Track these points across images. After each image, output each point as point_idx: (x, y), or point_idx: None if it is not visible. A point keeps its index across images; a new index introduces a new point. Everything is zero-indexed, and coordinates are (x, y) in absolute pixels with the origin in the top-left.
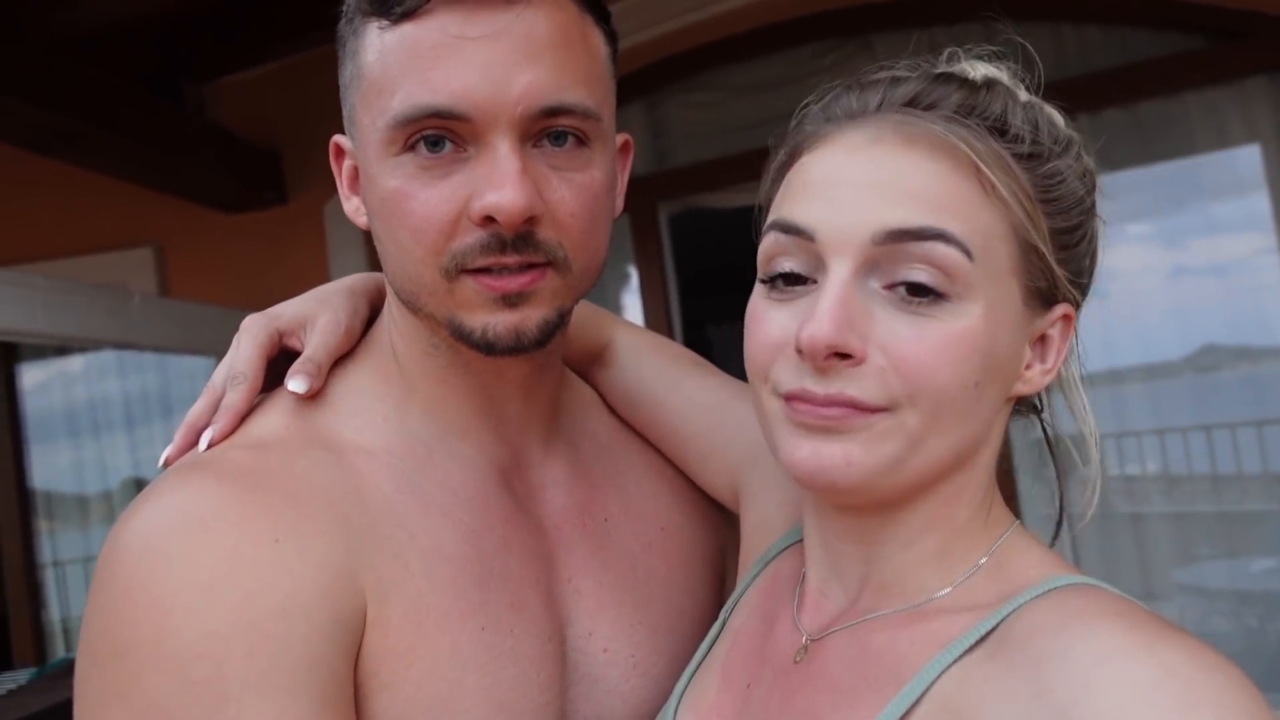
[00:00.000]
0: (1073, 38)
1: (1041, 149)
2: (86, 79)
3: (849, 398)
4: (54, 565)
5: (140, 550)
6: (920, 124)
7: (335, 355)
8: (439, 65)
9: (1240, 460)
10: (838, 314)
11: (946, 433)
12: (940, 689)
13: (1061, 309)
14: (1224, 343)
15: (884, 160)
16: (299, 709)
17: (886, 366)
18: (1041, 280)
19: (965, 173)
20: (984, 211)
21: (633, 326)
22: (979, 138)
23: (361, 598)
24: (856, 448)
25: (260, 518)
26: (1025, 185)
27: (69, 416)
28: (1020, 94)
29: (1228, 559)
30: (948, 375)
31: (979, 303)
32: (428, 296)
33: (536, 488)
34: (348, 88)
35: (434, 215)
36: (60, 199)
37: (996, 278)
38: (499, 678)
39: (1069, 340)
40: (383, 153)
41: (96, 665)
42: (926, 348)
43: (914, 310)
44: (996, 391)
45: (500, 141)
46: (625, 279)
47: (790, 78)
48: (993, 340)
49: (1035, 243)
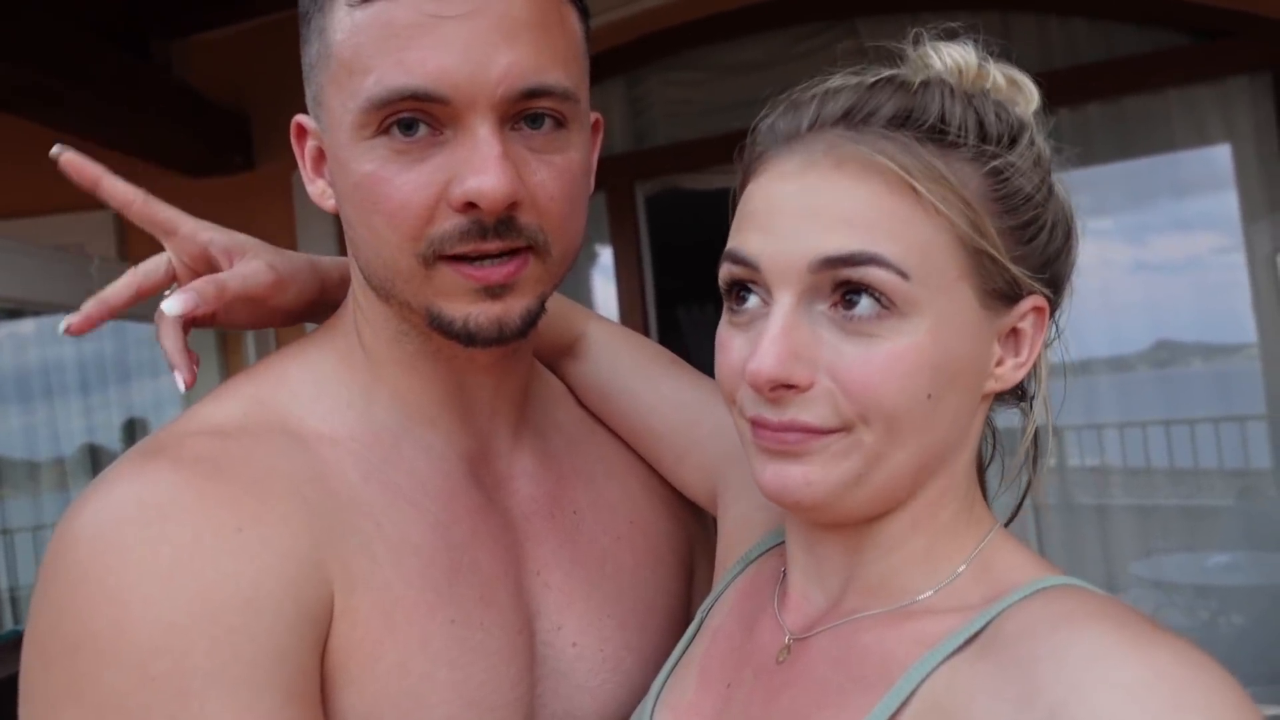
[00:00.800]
0: (1058, 30)
1: (986, 146)
2: (51, 32)
3: (802, 423)
4: (2, 533)
5: (93, 541)
6: (848, 146)
7: (248, 294)
8: (415, 45)
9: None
10: (780, 347)
11: (905, 446)
12: (929, 689)
13: (1030, 302)
14: (1183, 339)
15: (816, 186)
16: (264, 704)
17: (835, 389)
18: (998, 281)
19: (898, 190)
20: (921, 226)
21: (606, 321)
22: (909, 151)
23: (328, 588)
24: (815, 469)
25: (221, 506)
26: (962, 192)
27: (21, 380)
28: (961, 87)
29: (1185, 553)
30: (895, 393)
31: (925, 317)
32: (403, 284)
33: (505, 478)
34: (314, 67)
35: (411, 200)
36: (19, 157)
37: (942, 288)
38: (469, 672)
39: (1044, 332)
40: (354, 136)
41: (45, 663)
42: (873, 369)
43: (858, 330)
44: (958, 398)
45: (479, 124)
46: (598, 257)
47: (774, 60)
48: (944, 351)
49: (984, 247)
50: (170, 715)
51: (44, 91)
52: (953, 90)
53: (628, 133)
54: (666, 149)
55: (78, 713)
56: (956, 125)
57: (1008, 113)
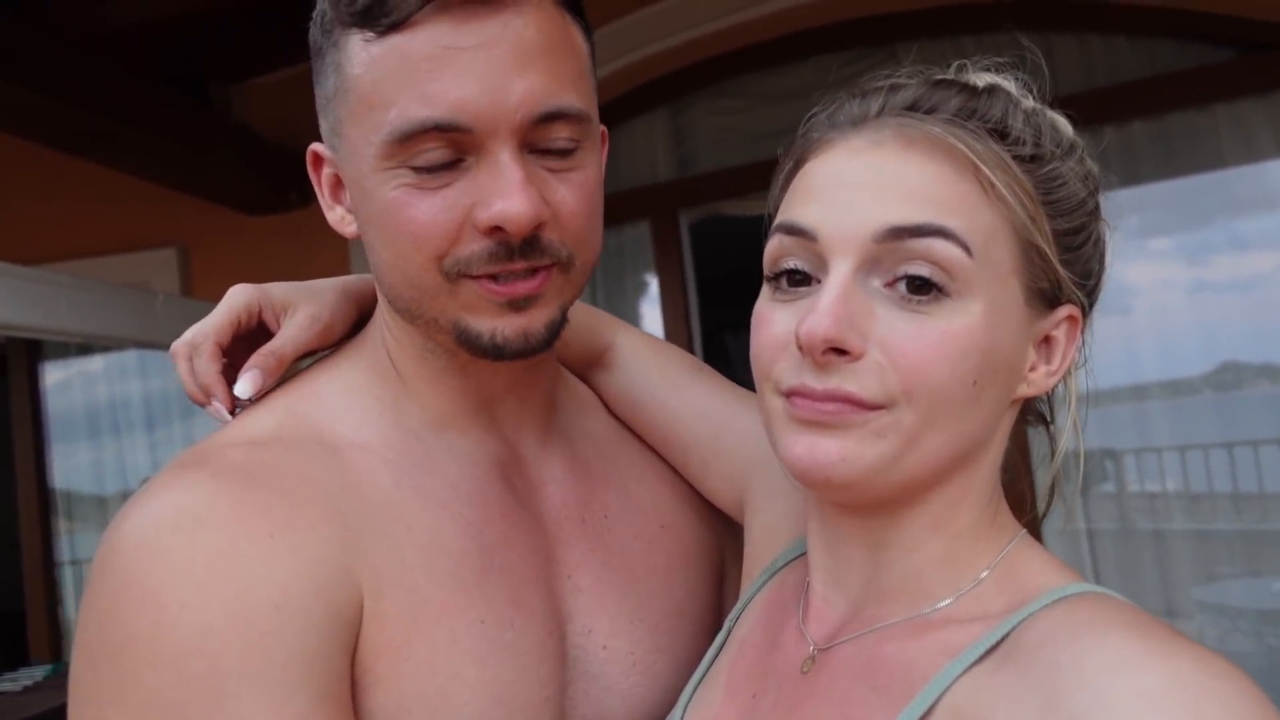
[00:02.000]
0: (1100, 49)
1: (1043, 151)
2: (115, 78)
3: (846, 393)
4: (71, 564)
5: (135, 548)
6: (920, 126)
7: (302, 351)
8: (434, 77)
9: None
10: (837, 309)
11: (943, 431)
12: (951, 699)
13: (1066, 310)
14: (1247, 360)
15: (884, 162)
16: (295, 704)
17: (885, 363)
18: (1044, 281)
19: (964, 173)
20: (984, 211)
21: (634, 330)
22: (978, 139)
23: (358, 592)
24: (852, 444)
25: (255, 514)
26: (1026, 186)
27: (90, 416)
28: (1024, 101)
29: (1249, 578)
30: (945, 372)
31: (979, 301)
32: (429, 301)
33: (536, 484)
34: (330, 100)
35: (436, 223)
36: (86, 199)
37: (997, 277)
38: (498, 671)
39: (1075, 343)
40: (377, 165)
41: (91, 664)
42: (925, 344)
43: (913, 308)
44: (997, 392)
45: (501, 150)
46: (644, 287)
47: (816, 86)
48: (993, 339)
49: (1038, 242)
50: (205, 715)
51: (110, 136)
52: (1015, 99)
53: (671, 161)
54: (710, 176)
55: (121, 712)
56: (1017, 129)
57: (1059, 131)
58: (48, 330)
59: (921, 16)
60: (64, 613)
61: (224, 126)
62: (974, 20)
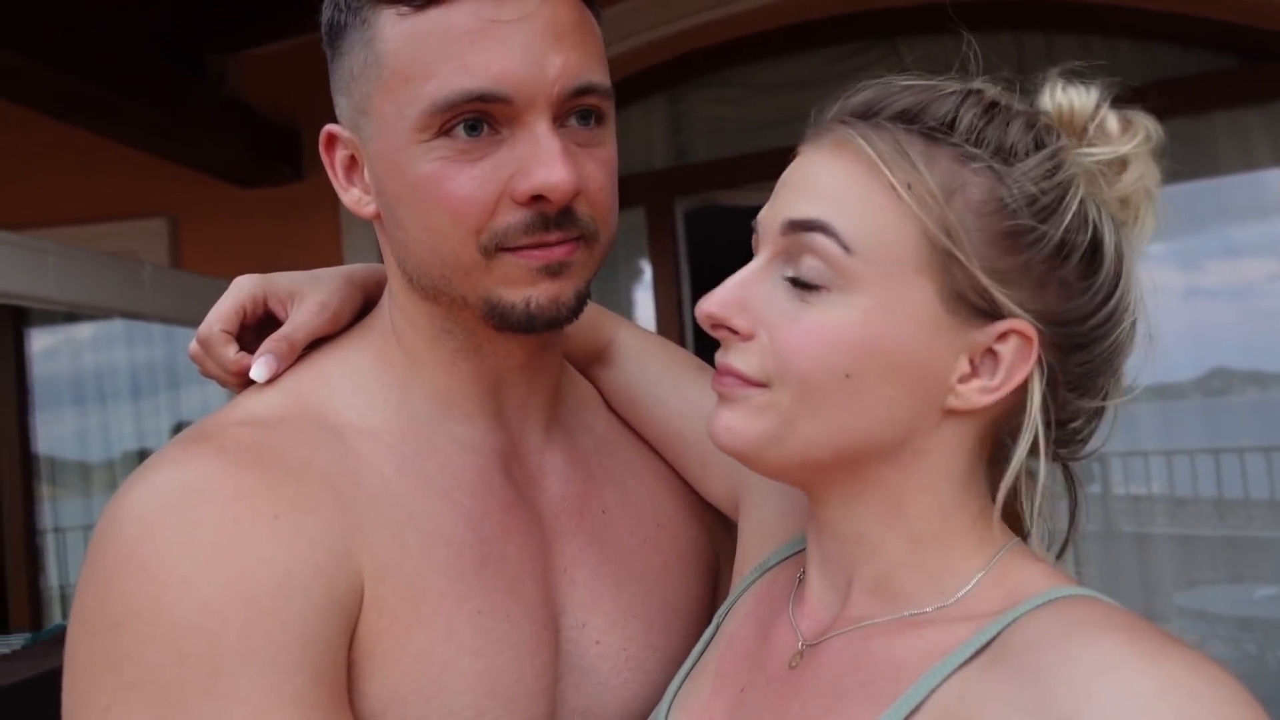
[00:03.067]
0: (1102, 51)
1: (978, 150)
2: (109, 47)
3: (732, 368)
4: (54, 531)
5: (138, 522)
6: (844, 131)
7: (313, 336)
8: (476, 49)
9: (1247, 485)
10: (731, 294)
11: (823, 419)
12: (939, 698)
13: (1005, 324)
14: (1236, 367)
15: (811, 165)
16: (292, 685)
17: (768, 344)
18: (965, 288)
19: (871, 174)
20: (884, 211)
21: (636, 327)
22: (891, 141)
23: (358, 577)
24: (738, 417)
25: (259, 493)
26: (932, 187)
27: (75, 383)
28: (984, 96)
29: (1230, 584)
30: (809, 360)
31: (864, 297)
32: (463, 277)
33: (536, 475)
34: (357, 77)
35: (475, 196)
36: (76, 166)
37: (894, 275)
38: (493, 662)
39: (1027, 364)
40: (413, 139)
41: (89, 635)
42: (797, 333)
43: (799, 298)
44: (897, 392)
45: (538, 122)
46: (638, 273)
47: (814, 78)
48: (875, 336)
49: (948, 247)
50: (202, 692)
51: (101, 104)
52: (978, 99)
53: (668, 149)
54: (706, 165)
55: (116, 685)
56: (964, 129)
57: (1037, 132)
58: (33, 298)
59: (922, 12)
60: (45, 581)
61: (217, 98)
62: (975, 17)
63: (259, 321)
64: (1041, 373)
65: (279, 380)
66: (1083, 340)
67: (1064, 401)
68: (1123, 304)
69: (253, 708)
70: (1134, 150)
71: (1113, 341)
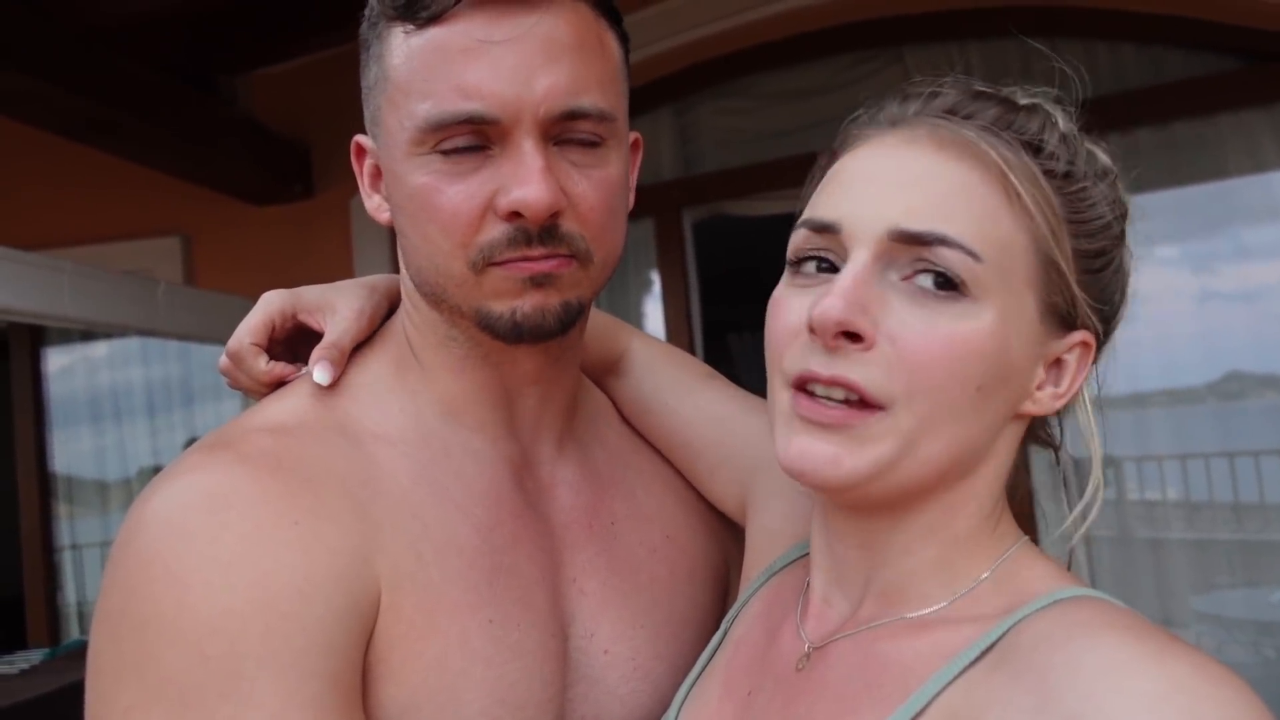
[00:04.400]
0: (1106, 56)
1: (1074, 170)
2: (122, 68)
3: (851, 381)
4: (71, 548)
5: (162, 526)
6: (955, 129)
7: (357, 341)
8: (468, 70)
9: (1263, 489)
10: (851, 293)
11: (941, 436)
12: (946, 700)
13: (1080, 335)
14: (1251, 370)
15: (913, 160)
16: (309, 689)
17: (892, 355)
18: (1060, 298)
19: (991, 180)
20: (1005, 219)
21: (648, 337)
22: (1010, 149)
23: (376, 584)
24: (846, 449)
25: (280, 499)
26: (1052, 201)
27: (91, 402)
28: (1061, 122)
29: (1247, 588)
30: (949, 372)
31: (992, 307)
32: (455, 288)
33: (546, 486)
34: (372, 90)
35: (461, 210)
36: (90, 186)
37: (1012, 287)
38: (504, 671)
39: (1086, 370)
40: (410, 151)
41: (114, 638)
42: (933, 340)
43: (927, 304)
44: (1001, 403)
45: (524, 140)
46: (647, 284)
47: (821, 88)
48: (1002, 347)
49: (1056, 259)
50: (222, 694)
51: (114, 125)
52: (1053, 118)
53: (676, 159)
54: (714, 175)
55: (139, 687)
56: (1051, 145)
57: (1095, 156)
58: (49, 316)
59: (928, 20)
60: (62, 598)
61: (230, 117)
62: (980, 25)
63: (288, 335)
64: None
65: (298, 386)
66: (1113, 330)
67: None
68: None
69: (269, 710)
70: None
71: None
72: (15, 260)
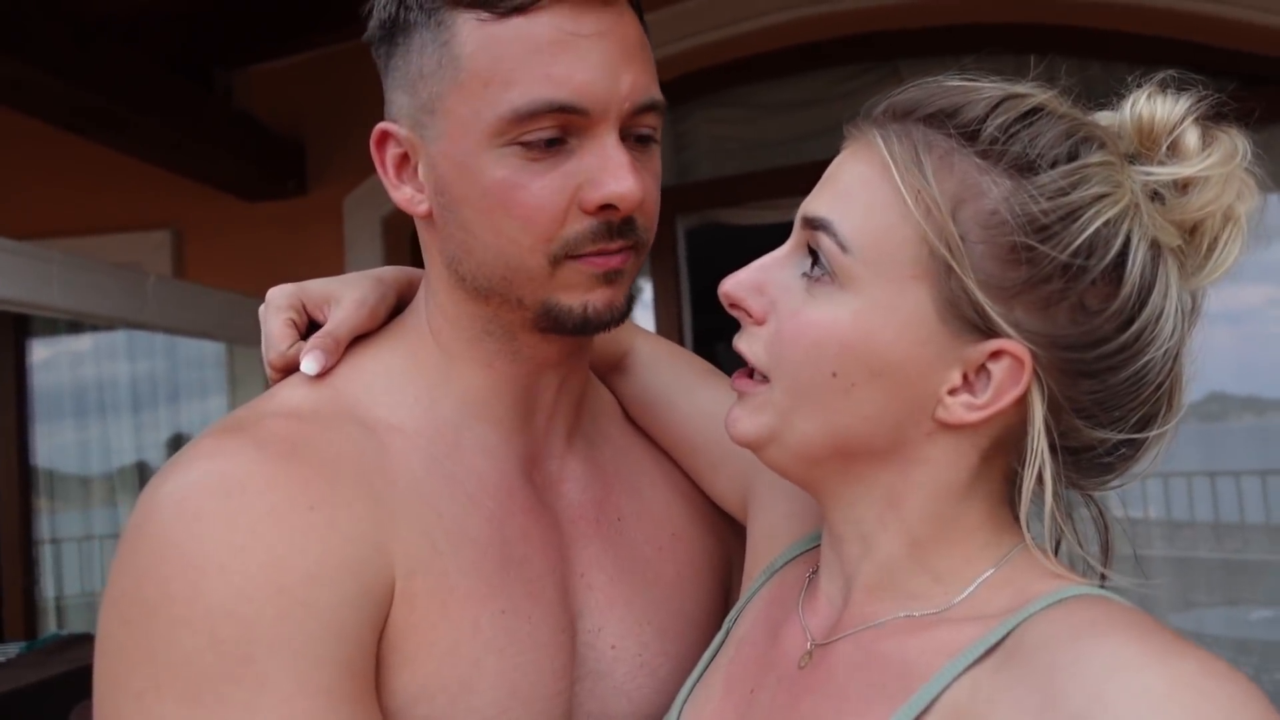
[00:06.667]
0: (1100, 76)
1: (998, 164)
2: (118, 60)
3: (740, 350)
4: (50, 543)
5: (175, 510)
6: (870, 130)
7: (356, 333)
8: (558, 61)
9: (1244, 509)
10: (751, 276)
11: (812, 417)
12: (951, 698)
13: (998, 344)
14: (1233, 392)
15: (841, 161)
16: (321, 675)
17: (772, 332)
18: (959, 298)
19: (882, 174)
20: (888, 212)
21: (652, 335)
22: (907, 143)
23: (390, 572)
24: (743, 413)
25: (295, 484)
26: (935, 193)
27: (75, 395)
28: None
29: (1226, 606)
30: (798, 355)
31: (858, 298)
32: (525, 281)
33: (555, 480)
34: (427, 77)
35: (547, 205)
36: (82, 177)
37: (890, 279)
38: (516, 662)
39: (1018, 387)
40: (486, 143)
41: (124, 622)
42: (796, 323)
43: (808, 290)
44: (886, 397)
45: (608, 134)
46: (639, 291)
47: (817, 99)
48: (864, 337)
49: (943, 255)
50: (233, 679)
51: (110, 117)
52: (1015, 103)
53: (670, 167)
54: (708, 184)
55: (150, 670)
56: (988, 136)
57: (1074, 143)
58: (36, 305)
59: (924, 35)
60: (40, 592)
61: (225, 112)
62: (976, 41)
63: (305, 330)
64: (1042, 396)
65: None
66: (1092, 368)
67: (1073, 429)
68: (1147, 335)
69: (282, 695)
70: (1203, 172)
71: (1134, 373)
72: (3, 249)
